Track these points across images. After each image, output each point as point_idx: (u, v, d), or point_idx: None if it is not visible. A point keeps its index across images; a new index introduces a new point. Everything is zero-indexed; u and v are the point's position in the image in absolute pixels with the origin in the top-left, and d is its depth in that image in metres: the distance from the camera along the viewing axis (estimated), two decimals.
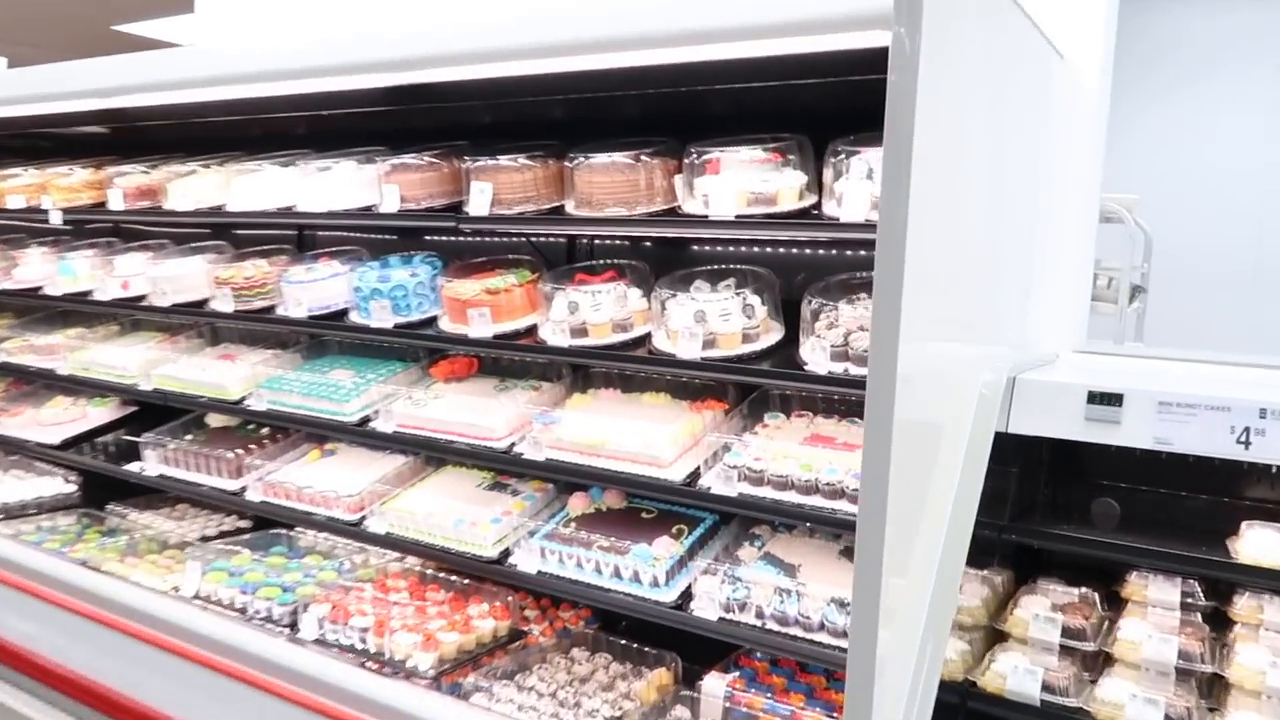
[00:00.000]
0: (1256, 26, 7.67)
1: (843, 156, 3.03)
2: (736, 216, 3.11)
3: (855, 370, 2.99)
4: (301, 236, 5.14)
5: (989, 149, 2.87)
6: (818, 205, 3.15)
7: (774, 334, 3.37)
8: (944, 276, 2.55)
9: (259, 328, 4.64)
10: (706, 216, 3.16)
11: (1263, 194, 7.31)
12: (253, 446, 4.66)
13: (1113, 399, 2.85)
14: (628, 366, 3.44)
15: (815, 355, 3.06)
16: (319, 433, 4.45)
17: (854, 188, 2.95)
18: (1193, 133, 7.70)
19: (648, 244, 4.04)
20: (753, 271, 3.50)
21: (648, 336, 3.49)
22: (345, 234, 4.93)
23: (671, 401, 3.79)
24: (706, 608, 3.27)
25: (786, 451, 3.25)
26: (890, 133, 2.20)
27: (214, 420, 5.00)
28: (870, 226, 2.85)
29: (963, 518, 2.72)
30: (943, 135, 2.36)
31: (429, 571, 4.16)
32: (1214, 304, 6.74)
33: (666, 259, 3.92)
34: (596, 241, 4.18)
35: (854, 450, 3.26)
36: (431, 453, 4.17)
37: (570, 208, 3.56)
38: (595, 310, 3.52)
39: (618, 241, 4.12)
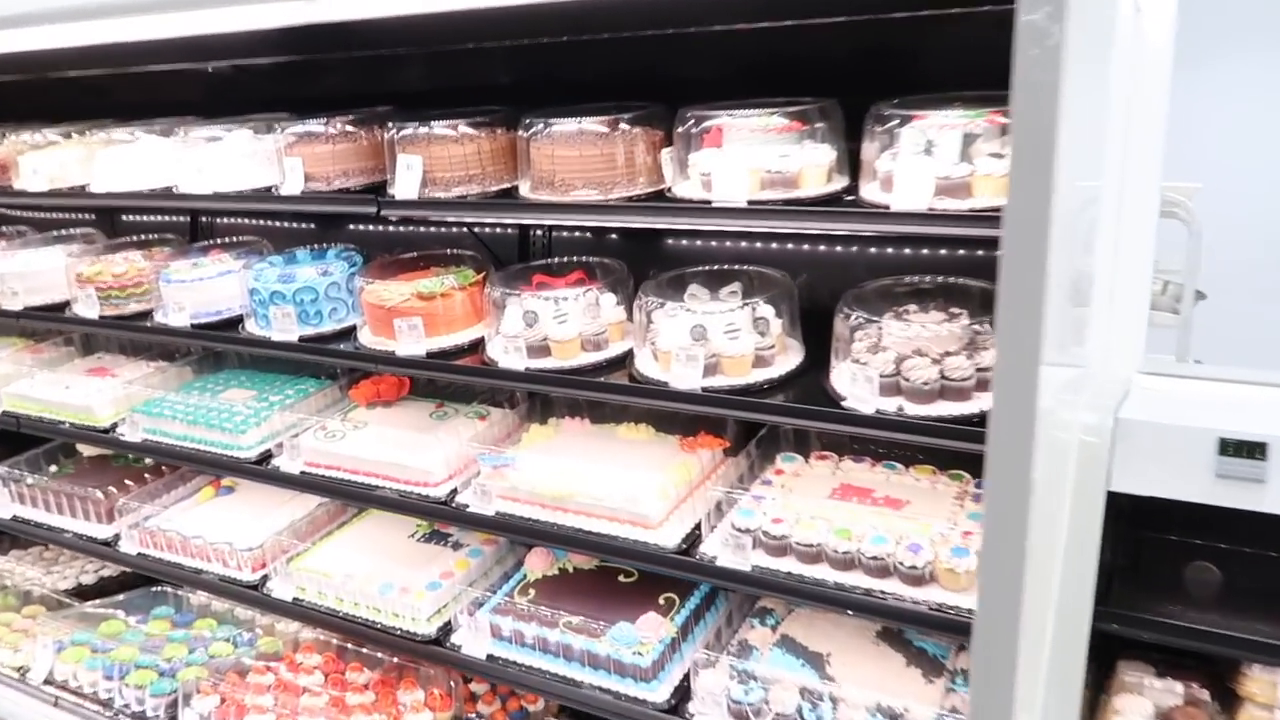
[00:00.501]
0: None
1: (892, 125, 2.27)
2: (749, 203, 2.33)
3: (913, 409, 2.24)
4: (196, 225, 4.24)
5: (1103, 119, 2.13)
6: (852, 189, 2.39)
7: (792, 355, 2.61)
8: (1072, 284, 1.81)
9: (136, 337, 3.74)
10: (709, 202, 2.38)
11: None
12: (131, 483, 3.78)
13: (1254, 450, 2.14)
14: (602, 395, 2.66)
15: (856, 387, 2.30)
16: (209, 470, 3.58)
17: (909, 166, 2.19)
18: (1254, 108, 6.34)
19: (614, 237, 3.24)
20: (762, 275, 2.73)
21: (628, 357, 2.70)
22: (248, 222, 4.04)
23: (655, 436, 3.01)
24: (710, 713, 2.52)
25: (813, 510, 2.50)
26: (1025, 93, 1.46)
27: (88, 448, 4.10)
28: (933, 218, 2.11)
29: (1078, 614, 2.00)
30: (1078, 100, 1.61)
31: (350, 646, 3.33)
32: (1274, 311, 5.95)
33: (644, 258, 3.14)
34: (556, 234, 3.37)
35: (899, 508, 2.53)
36: (349, 501, 3.34)
37: (525, 190, 2.75)
38: (560, 322, 2.72)
39: (582, 234, 3.32)
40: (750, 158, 2.37)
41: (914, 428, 2.21)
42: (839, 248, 2.79)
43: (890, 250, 2.72)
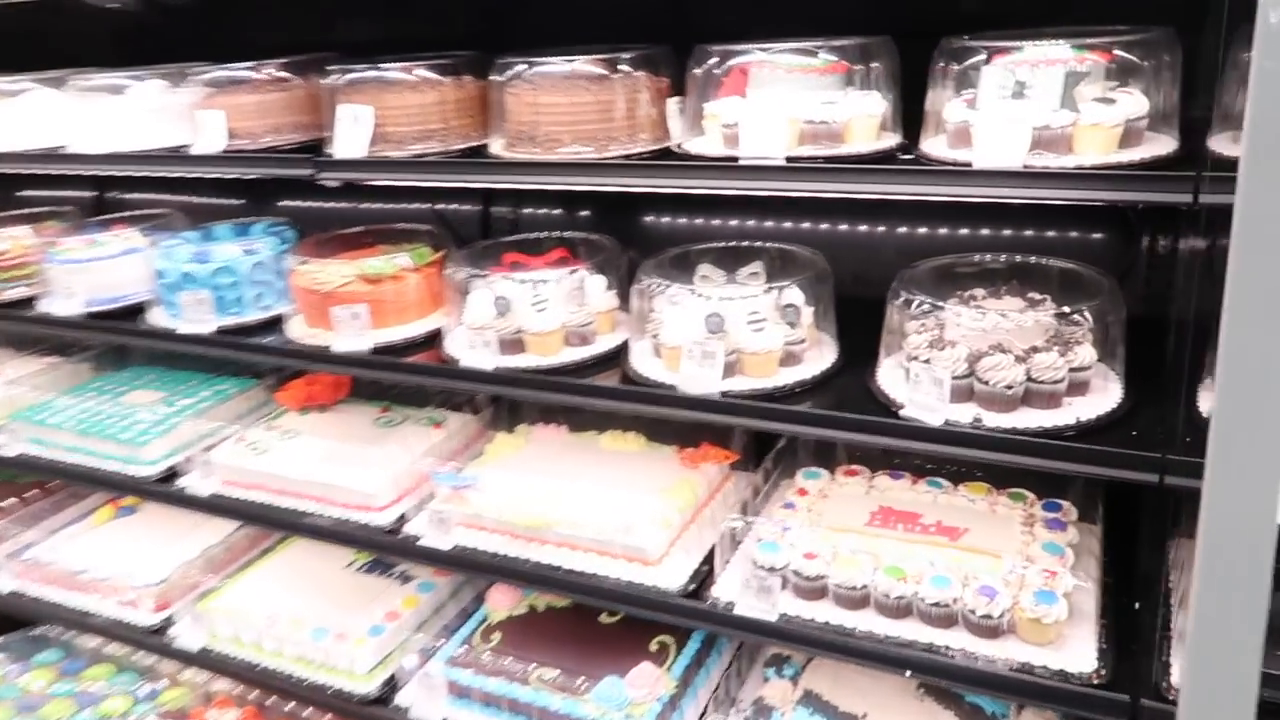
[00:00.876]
0: None
1: (971, 62, 1.83)
2: (788, 160, 1.86)
3: (993, 418, 1.79)
4: (102, 198, 3.64)
5: None
6: (907, 146, 1.94)
7: (825, 351, 2.14)
8: None
9: (13, 328, 3.14)
10: (735, 160, 1.90)
11: None
12: (14, 500, 3.18)
13: None
14: (592, 401, 2.16)
15: (918, 391, 1.83)
16: (102, 489, 3.00)
17: (997, 113, 1.74)
18: None
19: (590, 215, 2.75)
20: (786, 253, 2.26)
21: (622, 352, 2.21)
22: (162, 196, 3.46)
23: (647, 447, 2.52)
24: None
25: (852, 541, 2.02)
26: None
27: None
28: (1031, 177, 1.67)
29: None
30: None
31: (270, 702, 2.77)
32: None
33: (637, 234, 2.66)
34: (525, 212, 2.87)
35: (957, 538, 2.07)
36: (272, 529, 2.79)
37: (499, 148, 2.25)
38: (538, 310, 2.22)
39: (558, 213, 2.82)
40: (788, 104, 1.90)
41: (998, 443, 1.75)
42: (871, 226, 2.33)
43: (943, 228, 2.27)
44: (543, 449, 2.56)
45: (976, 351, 1.83)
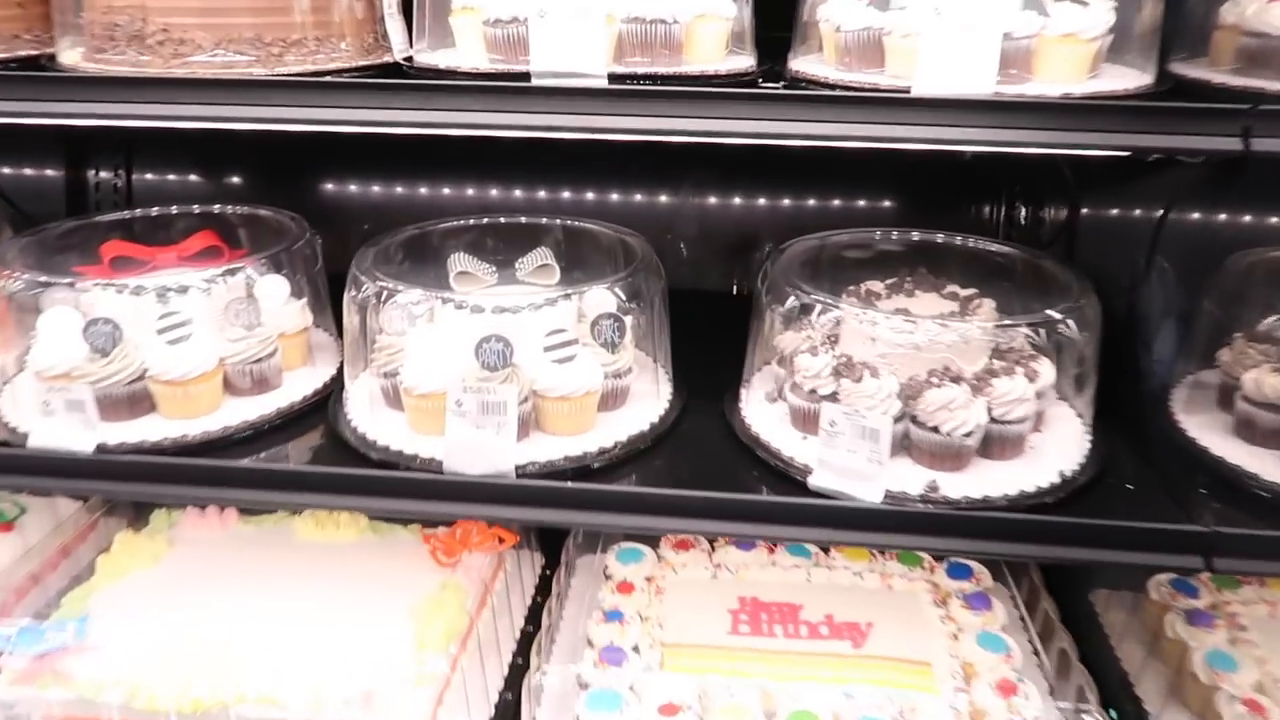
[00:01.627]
0: None
1: None
2: (612, 80, 1.09)
3: (950, 481, 1.16)
4: None
5: None
6: (771, 67, 1.25)
7: (654, 381, 1.40)
8: None
9: None
10: (524, 79, 1.10)
11: None
12: None
13: None
14: (283, 497, 1.25)
15: (835, 448, 1.16)
16: None
17: (947, 18, 1.09)
18: None
19: (240, 181, 1.82)
20: (578, 233, 1.50)
21: (329, 401, 1.34)
22: None
23: (372, 531, 1.65)
24: None
25: (724, 676, 1.33)
26: None
27: None
28: (994, 108, 1.05)
29: None
30: None
31: None
32: None
33: (332, 210, 1.76)
34: (141, 178, 1.86)
35: (862, 640, 1.44)
36: None
37: (73, 58, 1.26)
38: (172, 340, 1.29)
39: (191, 177, 1.84)
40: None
41: (974, 526, 1.13)
42: (672, 193, 1.63)
43: (762, 197, 1.61)
44: (199, 555, 1.60)
45: (913, 382, 1.20)
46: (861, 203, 1.82)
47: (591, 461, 1.23)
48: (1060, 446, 1.25)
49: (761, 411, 1.34)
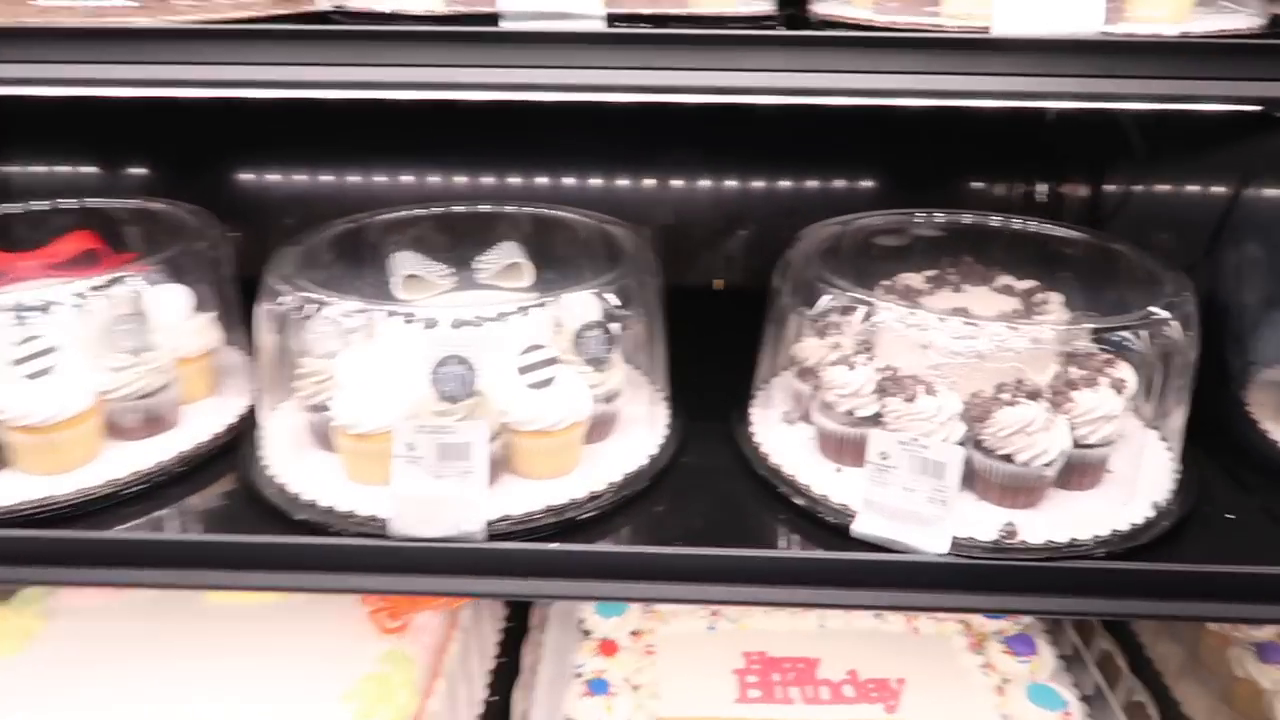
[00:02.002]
0: None
1: None
2: (611, 20, 0.84)
3: (1027, 522, 0.94)
4: None
5: None
6: (786, 15, 1.01)
7: (647, 402, 1.16)
8: None
9: None
10: (492, 21, 0.84)
11: None
12: None
13: None
14: (186, 575, 0.98)
15: (886, 487, 0.93)
16: None
17: None
18: None
19: (136, 172, 1.53)
20: (548, 221, 1.24)
21: (241, 441, 1.06)
22: None
23: (309, 598, 1.36)
24: None
25: None
26: None
27: None
28: (1096, 50, 0.82)
29: None
30: None
31: None
32: None
33: (239, 203, 1.48)
34: (10, 168, 1.54)
35: (895, 699, 1.22)
36: None
37: None
38: (32, 371, 0.99)
39: (60, 169, 1.54)
40: None
41: (1064, 579, 0.90)
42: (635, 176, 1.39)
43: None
44: (80, 632, 1.30)
45: (978, 399, 0.97)
46: (841, 183, 1.59)
47: (580, 512, 0.98)
48: (1141, 469, 1.04)
49: (779, 436, 1.10)
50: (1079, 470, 1.00)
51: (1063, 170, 1.56)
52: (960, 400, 0.97)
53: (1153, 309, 0.94)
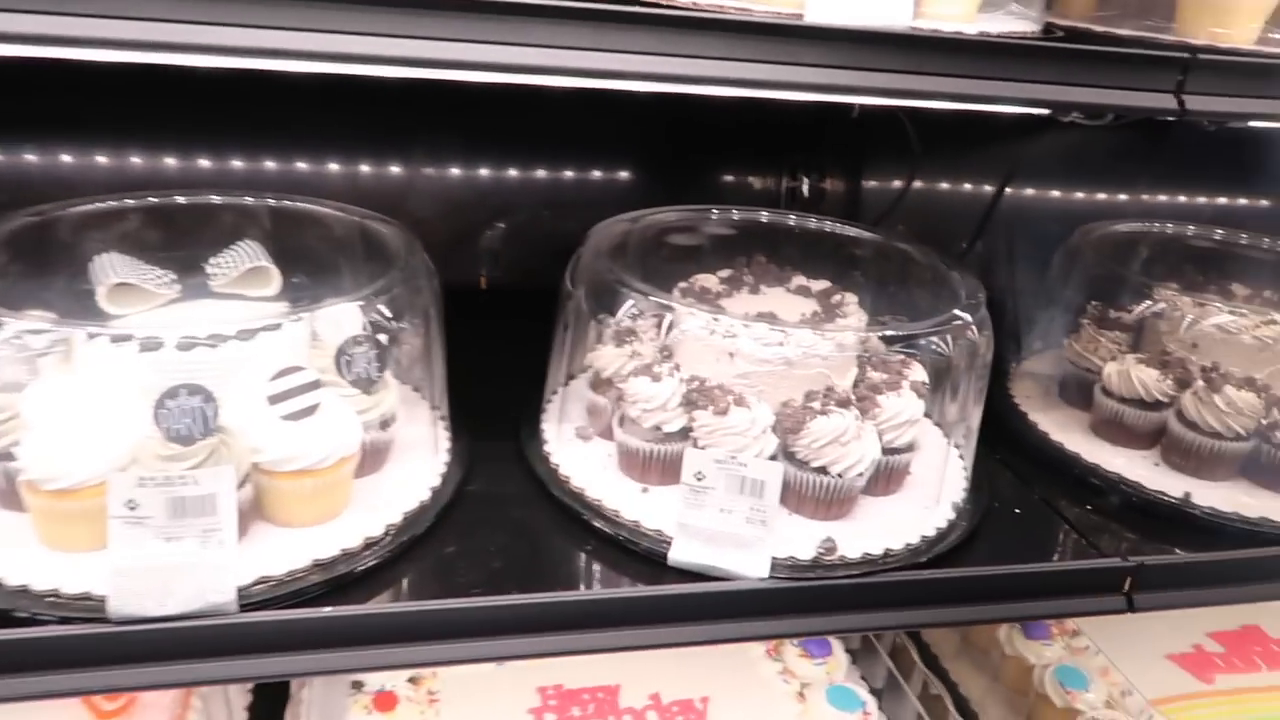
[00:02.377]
0: None
1: None
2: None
3: (839, 535, 0.90)
4: None
5: None
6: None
7: (421, 423, 1.01)
8: None
9: None
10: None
11: None
12: None
13: None
14: None
15: (700, 508, 0.85)
16: None
17: None
18: None
19: None
20: (288, 215, 1.05)
21: None
22: None
23: None
24: None
25: None
26: None
27: None
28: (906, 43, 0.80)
29: None
30: None
31: None
32: None
33: None
34: None
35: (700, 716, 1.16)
36: None
37: None
38: None
39: None
40: None
41: (886, 593, 0.87)
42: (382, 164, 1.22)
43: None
44: None
45: (789, 409, 0.92)
46: (598, 173, 1.50)
47: (354, 564, 0.82)
48: (935, 469, 1.03)
49: (576, 454, 1.00)
50: (885, 475, 0.97)
51: (823, 165, 1.56)
52: (771, 411, 0.91)
53: (956, 312, 0.93)
